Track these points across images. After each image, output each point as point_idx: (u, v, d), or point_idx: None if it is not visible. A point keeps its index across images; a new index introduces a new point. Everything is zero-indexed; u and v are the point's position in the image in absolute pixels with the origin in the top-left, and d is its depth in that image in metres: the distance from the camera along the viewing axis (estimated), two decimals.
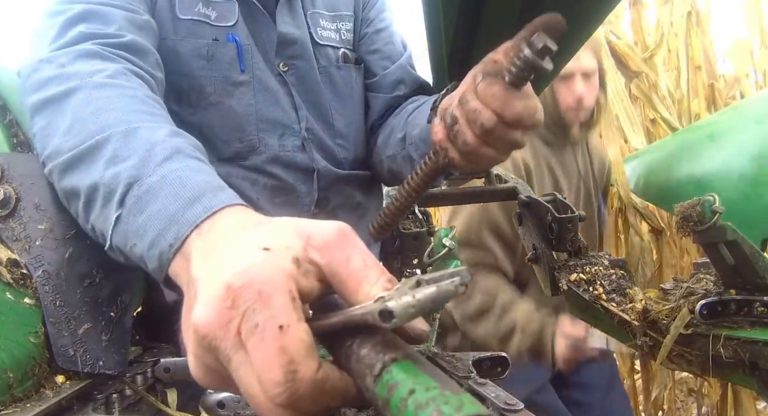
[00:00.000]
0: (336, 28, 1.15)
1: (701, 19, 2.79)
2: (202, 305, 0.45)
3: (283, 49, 1.07)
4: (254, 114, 1.03)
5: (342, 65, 1.14)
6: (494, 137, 0.73)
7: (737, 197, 1.75)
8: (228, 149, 1.02)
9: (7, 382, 0.59)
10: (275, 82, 1.06)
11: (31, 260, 0.70)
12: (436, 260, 0.76)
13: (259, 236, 0.48)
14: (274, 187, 1.04)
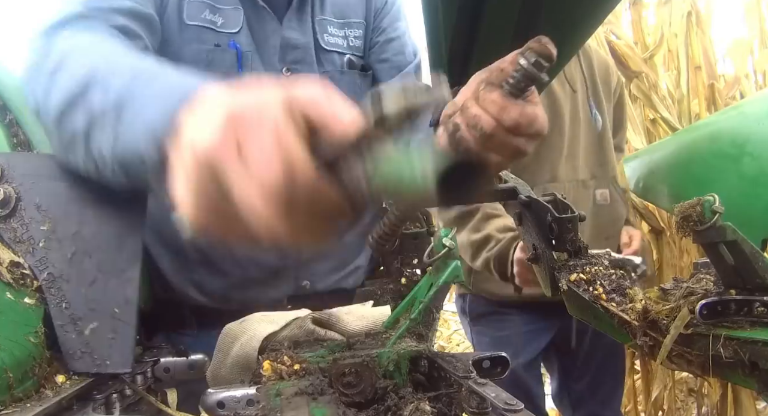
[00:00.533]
0: (344, 35, 1.18)
1: (701, 19, 2.78)
2: (203, 132, 0.48)
3: (286, 54, 1.11)
4: None
5: (346, 71, 1.17)
6: (495, 142, 0.75)
7: (737, 197, 1.75)
8: None
9: (7, 382, 0.59)
10: None
11: (35, 262, 0.70)
12: (436, 260, 0.76)
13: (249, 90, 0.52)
14: None
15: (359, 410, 0.59)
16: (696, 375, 0.93)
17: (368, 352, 0.68)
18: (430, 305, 0.75)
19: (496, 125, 0.74)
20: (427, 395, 0.63)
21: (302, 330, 0.82)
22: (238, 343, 0.83)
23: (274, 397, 0.61)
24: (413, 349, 0.69)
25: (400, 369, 0.66)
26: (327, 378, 0.64)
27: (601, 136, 2.01)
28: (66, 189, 0.74)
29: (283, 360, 0.69)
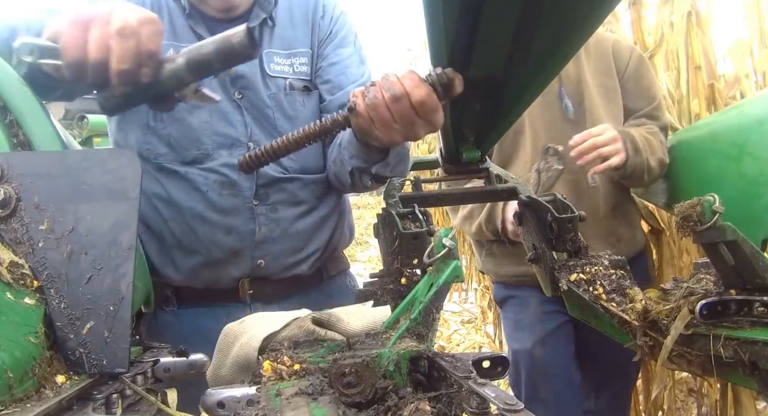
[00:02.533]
0: (290, 63, 1.44)
1: (701, 19, 2.78)
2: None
3: (236, 82, 1.39)
4: (209, 130, 1.35)
5: (288, 92, 1.43)
6: (398, 108, 0.98)
7: (737, 197, 1.75)
8: (188, 155, 1.35)
9: (7, 382, 0.59)
10: (230, 106, 1.38)
11: (35, 263, 0.70)
12: (436, 260, 0.76)
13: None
14: (222, 182, 1.35)
15: (359, 410, 0.59)
16: (696, 375, 0.93)
17: (368, 352, 0.68)
18: (430, 306, 0.75)
19: (405, 94, 0.96)
20: (427, 395, 0.63)
21: (302, 330, 0.82)
22: (238, 343, 0.83)
23: (274, 397, 0.61)
24: (413, 349, 0.69)
25: (400, 369, 0.66)
26: (327, 378, 0.64)
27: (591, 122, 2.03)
28: (62, 186, 0.74)
29: (283, 360, 0.69)
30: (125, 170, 0.77)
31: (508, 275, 2.16)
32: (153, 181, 1.37)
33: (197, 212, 1.36)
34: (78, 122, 5.55)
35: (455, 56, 0.92)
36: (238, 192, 1.36)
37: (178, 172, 1.36)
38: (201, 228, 1.36)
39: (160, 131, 1.35)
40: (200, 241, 1.37)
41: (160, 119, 1.34)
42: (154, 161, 1.36)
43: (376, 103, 0.98)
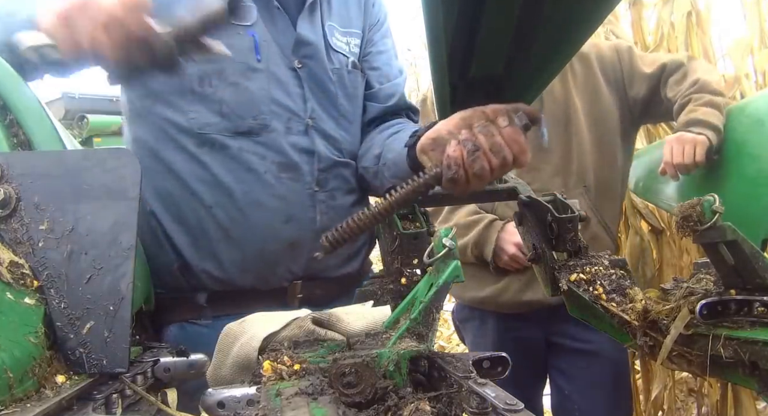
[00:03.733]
0: (346, 42, 1.35)
1: (701, 19, 2.78)
2: None
3: (299, 49, 1.26)
4: (267, 97, 1.21)
5: (352, 70, 1.34)
6: (501, 170, 0.91)
7: (737, 197, 1.75)
8: (243, 124, 1.20)
9: (7, 382, 0.59)
10: (289, 76, 1.25)
11: (35, 263, 0.70)
12: (436, 260, 0.76)
13: None
14: (281, 163, 1.22)
15: (359, 410, 0.59)
16: (696, 375, 0.93)
17: (368, 352, 0.68)
18: (430, 306, 0.75)
19: (513, 158, 0.90)
20: (427, 395, 0.63)
21: (302, 330, 0.82)
22: (238, 343, 0.83)
23: (274, 397, 0.61)
24: (413, 349, 0.68)
25: (400, 369, 0.66)
26: (327, 378, 0.64)
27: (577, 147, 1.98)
28: (62, 186, 0.74)
29: (283, 360, 0.69)
30: (125, 169, 0.77)
31: (471, 299, 2.12)
32: (191, 160, 1.20)
33: (253, 197, 1.19)
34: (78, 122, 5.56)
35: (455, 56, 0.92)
36: (299, 176, 1.23)
37: (230, 147, 1.19)
38: (256, 215, 1.20)
39: (210, 96, 1.19)
40: (254, 230, 1.20)
41: (209, 84, 1.18)
42: (199, 132, 1.19)
43: (483, 174, 0.90)
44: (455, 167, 0.89)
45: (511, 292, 1.97)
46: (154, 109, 1.22)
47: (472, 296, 2.08)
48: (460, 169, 0.89)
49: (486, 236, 1.94)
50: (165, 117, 1.21)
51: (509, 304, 1.99)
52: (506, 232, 1.91)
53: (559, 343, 2.05)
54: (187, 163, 1.20)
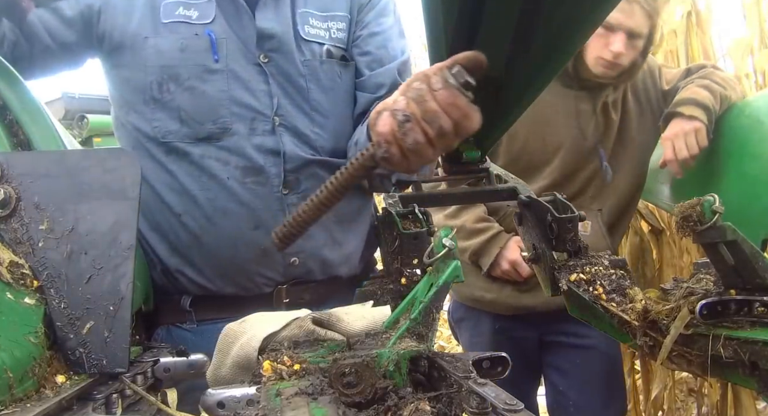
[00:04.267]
0: (326, 27, 1.25)
1: (701, 19, 2.78)
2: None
3: (263, 43, 1.19)
4: (227, 99, 1.16)
5: (325, 60, 1.24)
6: (443, 142, 0.80)
7: (737, 197, 1.75)
8: (202, 130, 1.16)
9: (7, 382, 0.59)
10: (252, 72, 1.19)
11: (35, 263, 0.70)
12: (436, 260, 0.76)
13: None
14: (245, 168, 1.17)
15: (359, 410, 0.59)
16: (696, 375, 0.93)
17: (368, 352, 0.68)
18: (430, 306, 0.75)
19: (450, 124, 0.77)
20: (427, 395, 0.63)
21: (302, 330, 0.82)
22: (238, 343, 0.83)
23: (274, 397, 0.61)
24: (413, 349, 0.68)
25: (400, 369, 0.66)
26: (327, 378, 0.64)
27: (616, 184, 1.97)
28: (62, 186, 0.74)
29: (283, 360, 0.69)
30: (125, 169, 0.77)
31: (465, 297, 2.12)
32: (160, 168, 1.18)
33: (218, 205, 1.16)
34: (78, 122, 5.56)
35: None
36: (265, 179, 1.18)
37: (192, 154, 1.16)
38: (223, 223, 1.17)
39: (169, 103, 1.16)
40: (223, 238, 1.17)
41: (167, 90, 1.15)
42: (162, 141, 1.17)
43: (419, 148, 0.79)
44: (385, 145, 0.79)
45: (505, 295, 1.98)
46: (128, 118, 1.22)
47: (467, 293, 2.08)
48: (392, 145, 0.78)
49: (487, 248, 1.93)
50: (135, 126, 1.20)
51: (503, 306, 2.00)
52: (508, 249, 1.90)
53: (553, 341, 2.05)
54: (156, 171, 1.19)
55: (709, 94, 1.82)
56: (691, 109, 1.79)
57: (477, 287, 2.02)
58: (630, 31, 1.75)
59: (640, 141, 2.01)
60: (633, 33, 1.75)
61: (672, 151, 1.81)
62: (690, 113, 1.78)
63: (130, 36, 1.18)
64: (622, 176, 1.98)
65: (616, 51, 1.74)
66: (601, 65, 1.79)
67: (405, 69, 1.31)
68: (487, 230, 1.94)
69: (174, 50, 1.16)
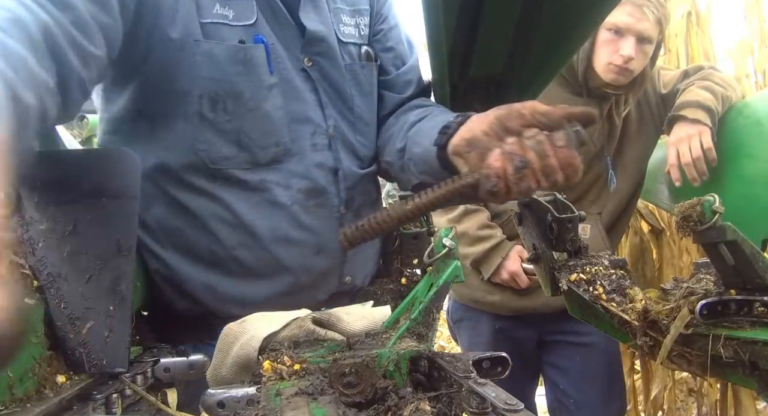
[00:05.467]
0: (356, 24, 1.14)
1: (701, 19, 2.78)
2: None
3: (310, 47, 1.05)
4: (285, 116, 1.02)
5: (365, 64, 1.14)
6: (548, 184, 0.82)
7: (737, 197, 1.75)
8: (266, 155, 1.01)
9: (7, 382, 0.59)
10: (300, 80, 1.05)
11: (36, 263, 0.70)
12: (436, 260, 0.76)
13: None
14: (308, 190, 1.05)
15: (359, 410, 0.59)
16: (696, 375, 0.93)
17: (368, 352, 0.68)
18: (431, 306, 0.75)
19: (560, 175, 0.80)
20: (427, 395, 0.63)
21: (302, 330, 0.82)
22: (238, 343, 0.83)
23: (274, 397, 0.61)
24: (413, 349, 0.69)
25: (400, 369, 0.66)
26: (327, 378, 0.64)
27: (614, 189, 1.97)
28: (62, 186, 0.74)
29: (283, 360, 0.69)
30: (125, 169, 0.77)
31: (465, 298, 2.12)
32: (204, 196, 1.01)
33: (279, 234, 1.04)
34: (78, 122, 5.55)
35: (455, 56, 0.92)
36: (326, 201, 1.07)
37: (249, 182, 1.01)
38: (286, 253, 1.04)
39: (225, 125, 0.98)
40: (284, 267, 1.05)
41: (223, 109, 0.97)
42: (213, 167, 1.00)
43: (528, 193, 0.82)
44: (496, 180, 0.80)
45: (506, 297, 1.98)
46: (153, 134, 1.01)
47: (468, 294, 2.09)
48: (502, 182, 0.80)
49: (489, 257, 1.94)
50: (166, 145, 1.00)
51: (504, 307, 2.00)
52: (509, 259, 1.91)
53: (552, 340, 2.06)
54: (199, 199, 1.01)
55: (711, 96, 1.81)
56: (694, 112, 1.79)
57: (478, 289, 2.03)
58: (640, 34, 1.74)
59: (639, 145, 2.01)
60: (643, 37, 1.74)
61: (676, 156, 1.81)
62: (694, 117, 1.78)
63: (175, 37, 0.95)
64: (621, 179, 1.99)
65: (627, 55, 1.73)
66: (612, 71, 1.77)
67: (419, 61, 1.24)
68: (490, 238, 1.94)
69: (235, 63, 0.97)
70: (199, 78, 0.95)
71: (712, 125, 1.78)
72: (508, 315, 2.02)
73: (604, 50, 1.77)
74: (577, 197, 1.94)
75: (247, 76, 0.98)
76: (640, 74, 1.83)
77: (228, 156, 0.99)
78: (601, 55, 1.78)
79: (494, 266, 1.92)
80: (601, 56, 1.78)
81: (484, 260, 1.94)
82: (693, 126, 1.78)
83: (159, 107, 0.99)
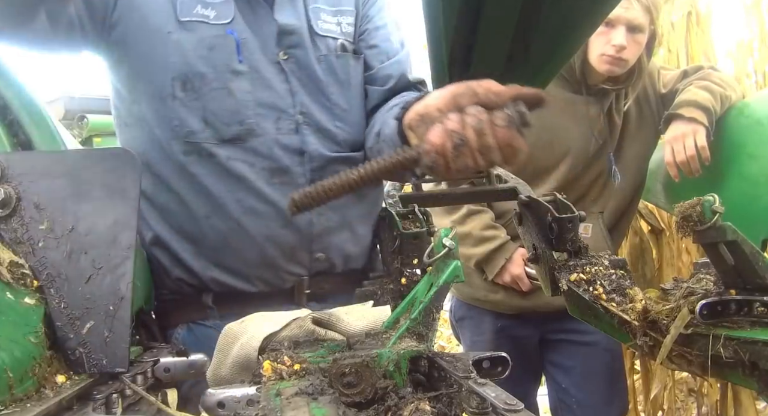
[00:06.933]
0: (337, 22, 1.28)
1: (701, 19, 2.78)
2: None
3: (283, 39, 1.20)
4: (252, 100, 1.17)
5: (341, 54, 1.27)
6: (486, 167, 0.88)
7: (737, 197, 1.75)
8: (228, 132, 1.16)
9: (7, 382, 0.59)
10: (273, 71, 1.19)
11: (35, 262, 0.70)
12: (436, 260, 0.76)
13: None
14: (272, 169, 1.18)
15: (359, 410, 0.59)
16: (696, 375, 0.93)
17: (368, 352, 0.68)
18: (431, 306, 0.75)
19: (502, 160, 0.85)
20: (427, 395, 0.63)
21: (302, 330, 0.82)
22: (238, 343, 0.83)
23: (274, 397, 0.61)
24: (413, 349, 0.69)
25: (400, 369, 0.66)
26: (327, 378, 0.64)
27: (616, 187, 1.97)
28: (62, 186, 0.74)
29: (283, 360, 0.69)
30: (125, 169, 0.77)
31: (467, 296, 2.13)
32: (181, 170, 1.17)
33: (246, 206, 1.17)
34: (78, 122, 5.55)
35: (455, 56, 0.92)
36: (291, 179, 1.19)
37: (217, 156, 1.16)
38: (251, 223, 1.17)
39: (192, 103, 1.15)
40: (252, 238, 1.18)
41: (191, 89, 1.15)
42: (185, 140, 1.16)
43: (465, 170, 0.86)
44: (435, 156, 0.84)
45: (509, 297, 1.99)
46: (142, 114, 1.18)
47: (470, 293, 2.09)
48: (440, 158, 0.84)
49: (493, 259, 1.95)
50: (151, 123, 1.17)
51: (506, 306, 2.00)
52: (512, 262, 1.92)
53: (554, 339, 2.06)
54: (177, 173, 1.17)
55: (709, 96, 1.82)
56: (691, 111, 1.79)
57: (480, 288, 2.03)
58: (629, 23, 1.75)
59: (640, 143, 2.01)
60: (632, 25, 1.76)
61: (671, 154, 1.82)
62: (690, 115, 1.78)
63: (149, 28, 1.14)
64: (622, 178, 1.98)
65: (619, 44, 1.75)
66: (605, 62, 1.79)
67: (407, 60, 1.34)
68: (494, 239, 1.94)
69: (200, 49, 1.15)
70: (171, 63, 1.13)
71: (709, 124, 1.79)
72: (510, 314, 2.03)
73: (596, 42, 1.79)
74: (580, 196, 1.94)
75: (212, 60, 1.15)
76: (637, 65, 1.84)
77: (195, 131, 1.15)
78: (594, 48, 1.80)
79: (498, 268, 1.92)
80: (594, 49, 1.80)
81: (488, 262, 1.95)
82: (688, 125, 1.79)
83: (147, 90, 1.17)
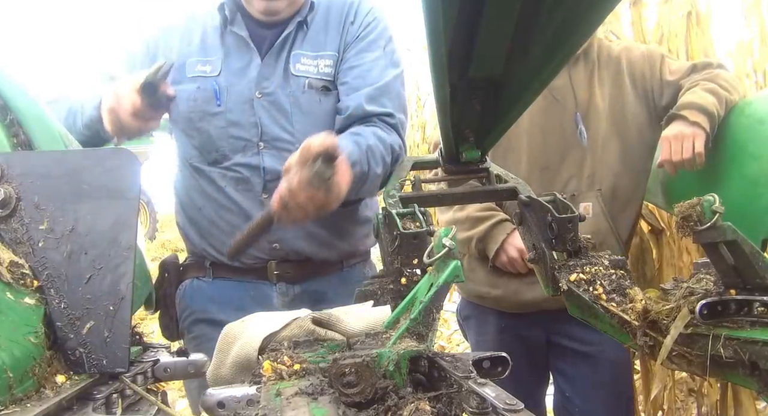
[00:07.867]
0: (315, 64, 1.60)
1: (701, 19, 2.78)
2: None
3: (261, 83, 1.58)
4: (225, 135, 1.60)
5: (306, 91, 1.59)
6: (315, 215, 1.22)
7: (737, 197, 1.75)
8: (209, 157, 1.63)
9: (7, 382, 0.59)
10: (245, 108, 1.58)
11: (35, 263, 0.70)
12: (436, 260, 0.76)
13: None
14: (237, 178, 1.61)
15: (359, 410, 0.59)
16: (696, 375, 0.93)
17: (368, 352, 0.68)
18: (430, 305, 0.75)
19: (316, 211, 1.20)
20: (427, 395, 0.63)
21: (302, 330, 0.82)
22: (238, 343, 0.83)
23: (274, 397, 0.61)
24: (413, 349, 0.69)
25: (400, 369, 0.66)
26: (327, 378, 0.64)
27: (591, 150, 1.95)
28: (62, 186, 0.74)
29: (283, 360, 0.69)
30: (125, 169, 0.77)
31: (470, 294, 2.13)
32: (190, 178, 1.68)
33: (223, 204, 1.63)
34: None
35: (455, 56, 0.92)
36: (250, 187, 1.60)
37: (204, 170, 1.64)
38: (227, 216, 1.62)
39: (189, 138, 1.64)
40: (228, 227, 1.62)
41: (192, 128, 1.62)
42: (189, 162, 1.66)
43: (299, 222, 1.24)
44: (278, 213, 1.19)
45: (510, 291, 1.98)
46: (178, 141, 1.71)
47: (473, 290, 2.09)
48: (282, 214, 1.18)
49: (493, 234, 1.95)
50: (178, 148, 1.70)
51: (509, 303, 2.00)
52: (513, 236, 1.91)
53: (560, 344, 2.04)
54: (187, 178, 1.69)
55: (714, 101, 1.81)
56: (695, 114, 1.78)
57: (482, 283, 2.02)
58: None
59: (634, 122, 1.99)
60: None
61: (668, 151, 1.81)
62: (693, 119, 1.78)
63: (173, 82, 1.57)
64: (613, 153, 1.96)
65: None
66: None
67: (377, 93, 1.59)
68: (491, 217, 1.96)
69: (190, 99, 1.59)
70: (180, 108, 1.60)
71: (710, 130, 1.78)
72: (514, 313, 2.02)
73: None
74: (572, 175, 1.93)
75: (195, 107, 1.60)
76: None
77: (191, 155, 1.66)
78: None
79: (498, 243, 1.91)
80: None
81: (488, 238, 1.94)
82: (690, 127, 1.78)
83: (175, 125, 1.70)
